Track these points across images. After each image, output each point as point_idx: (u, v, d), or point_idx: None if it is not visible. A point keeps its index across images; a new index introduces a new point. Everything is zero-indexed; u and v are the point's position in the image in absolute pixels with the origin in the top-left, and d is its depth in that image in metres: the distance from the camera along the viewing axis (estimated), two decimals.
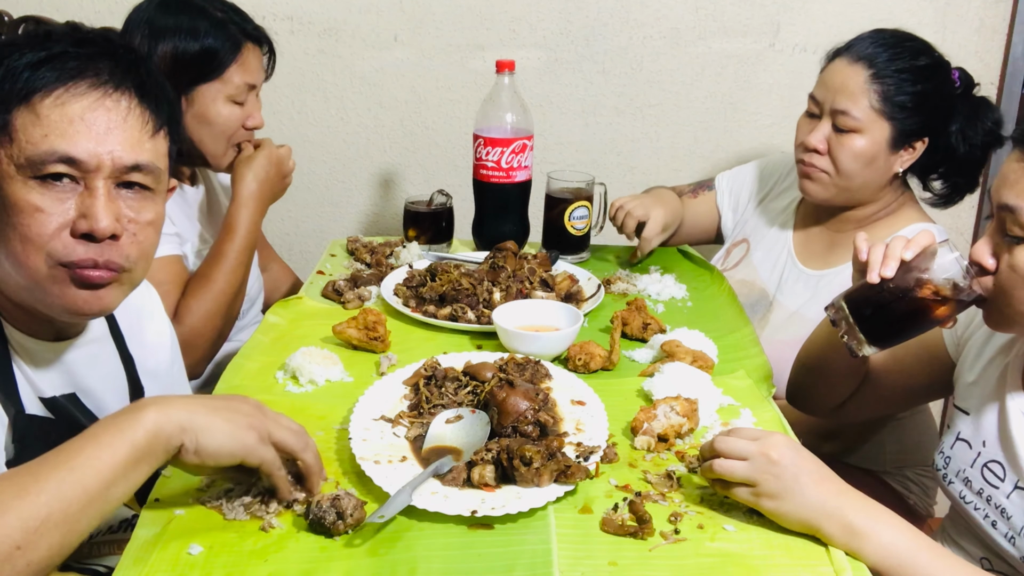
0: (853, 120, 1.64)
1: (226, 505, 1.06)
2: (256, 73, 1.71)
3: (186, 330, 1.57)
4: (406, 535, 1.03)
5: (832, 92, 1.67)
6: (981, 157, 1.71)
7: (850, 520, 1.02)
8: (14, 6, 2.35)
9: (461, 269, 1.69)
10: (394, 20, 2.41)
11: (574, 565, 0.99)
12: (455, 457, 1.14)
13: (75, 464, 0.89)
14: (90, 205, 1.02)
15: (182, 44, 1.61)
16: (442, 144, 2.51)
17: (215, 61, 1.63)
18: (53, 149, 1.00)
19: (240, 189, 1.71)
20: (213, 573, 0.97)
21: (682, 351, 1.42)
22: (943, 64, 1.68)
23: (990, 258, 1.18)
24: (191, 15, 1.63)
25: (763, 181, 1.98)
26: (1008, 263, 1.15)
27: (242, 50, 1.67)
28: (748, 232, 1.96)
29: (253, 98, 1.73)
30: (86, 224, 1.01)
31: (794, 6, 2.36)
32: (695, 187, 2.06)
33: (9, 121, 1.00)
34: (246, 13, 1.72)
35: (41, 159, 1.00)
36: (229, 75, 1.66)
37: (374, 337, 1.47)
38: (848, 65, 1.65)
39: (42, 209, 1.00)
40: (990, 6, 2.34)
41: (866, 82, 1.63)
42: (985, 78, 2.42)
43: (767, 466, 1.05)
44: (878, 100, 1.63)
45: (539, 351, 1.44)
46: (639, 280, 1.80)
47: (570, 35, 2.41)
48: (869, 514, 1.04)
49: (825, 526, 1.03)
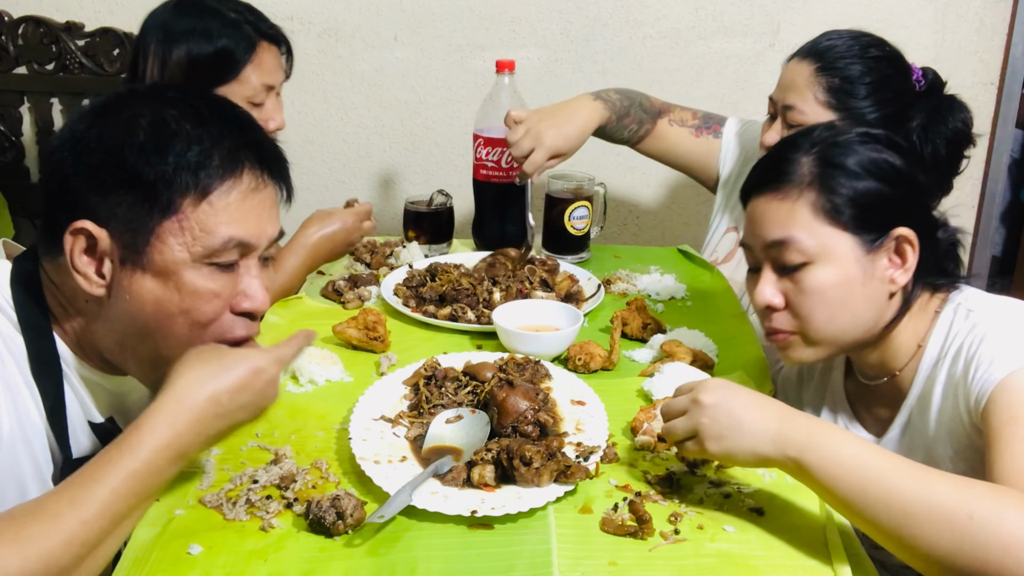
0: (800, 114, 1.64)
1: (226, 505, 1.06)
2: (273, 73, 1.69)
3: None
4: (406, 535, 1.03)
5: (782, 90, 1.69)
6: (951, 157, 1.67)
7: (793, 440, 1.01)
8: (14, 6, 2.36)
9: (461, 269, 1.69)
10: (394, 20, 2.41)
11: (574, 565, 0.99)
12: (455, 457, 1.14)
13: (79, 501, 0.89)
14: (249, 284, 1.07)
15: (196, 47, 1.60)
16: (442, 144, 2.52)
17: (229, 62, 1.62)
18: (230, 237, 1.04)
19: (299, 236, 1.69)
20: (213, 573, 0.97)
21: (682, 351, 1.42)
22: (895, 58, 1.66)
23: (776, 296, 1.22)
24: (204, 17, 1.62)
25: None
26: (796, 290, 1.20)
27: (257, 50, 1.65)
28: (737, 218, 1.91)
29: (273, 99, 1.71)
30: (249, 304, 1.07)
31: (794, 6, 2.36)
32: (699, 125, 1.95)
33: (180, 208, 1.02)
34: (262, 13, 1.70)
35: (221, 247, 1.03)
36: (245, 76, 1.64)
37: (374, 337, 1.47)
38: (797, 63, 1.67)
39: (219, 294, 1.05)
40: (990, 6, 2.34)
41: (812, 75, 1.64)
42: (985, 78, 2.43)
43: (701, 412, 1.05)
44: (823, 92, 1.62)
45: (539, 351, 1.44)
46: (639, 280, 1.80)
47: (570, 35, 2.41)
48: (812, 430, 1.02)
49: (771, 453, 1.02)
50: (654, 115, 1.93)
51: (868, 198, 1.18)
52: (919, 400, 1.24)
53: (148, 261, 1.02)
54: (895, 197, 1.19)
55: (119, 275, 1.03)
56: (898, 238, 1.19)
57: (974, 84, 2.43)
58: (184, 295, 1.03)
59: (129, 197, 1.01)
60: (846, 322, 1.21)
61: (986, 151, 2.52)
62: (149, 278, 1.02)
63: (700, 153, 1.95)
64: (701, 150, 1.94)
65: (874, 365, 1.29)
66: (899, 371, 1.27)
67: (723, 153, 1.94)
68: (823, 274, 1.19)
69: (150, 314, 1.03)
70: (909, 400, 1.25)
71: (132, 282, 1.02)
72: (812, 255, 1.19)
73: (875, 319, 1.22)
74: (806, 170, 1.20)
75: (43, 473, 1.06)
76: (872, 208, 1.19)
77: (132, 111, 1.03)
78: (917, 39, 2.36)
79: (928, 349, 1.23)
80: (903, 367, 1.26)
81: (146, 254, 1.02)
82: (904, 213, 1.20)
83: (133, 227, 1.01)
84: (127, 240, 1.02)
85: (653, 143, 1.95)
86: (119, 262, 1.02)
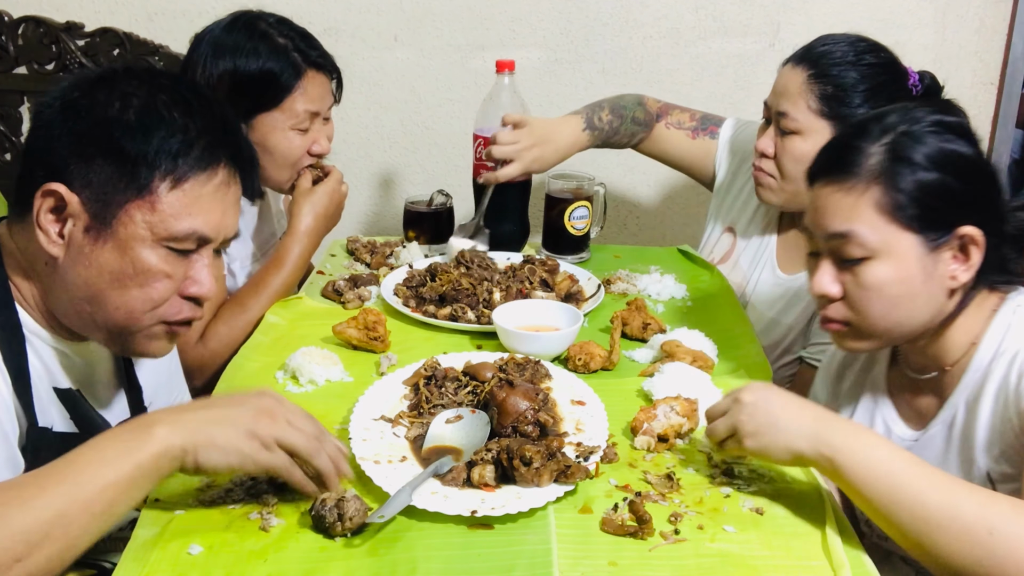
0: (793, 122, 1.63)
1: (226, 505, 1.06)
2: (320, 101, 1.67)
3: (207, 353, 1.55)
4: (406, 535, 1.03)
5: (776, 96, 1.68)
6: None
7: (828, 439, 1.04)
8: (14, 6, 2.36)
9: (461, 269, 1.69)
10: (394, 20, 2.41)
11: (574, 565, 0.99)
12: (455, 457, 1.14)
13: (80, 480, 0.90)
14: (199, 272, 1.12)
15: (241, 64, 1.58)
16: (442, 144, 2.52)
17: (274, 87, 1.60)
18: (194, 229, 1.09)
19: (296, 224, 1.68)
20: (213, 573, 0.97)
21: (682, 351, 1.42)
22: (891, 63, 1.64)
23: (833, 286, 1.22)
24: (254, 37, 1.60)
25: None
26: (855, 283, 1.20)
27: (303, 77, 1.63)
28: (733, 219, 1.92)
29: (319, 123, 1.69)
30: (196, 289, 1.12)
31: (794, 6, 2.36)
32: (697, 127, 1.95)
33: (154, 190, 1.07)
34: (315, 40, 1.68)
35: (183, 235, 1.09)
36: (290, 103, 1.62)
37: (374, 337, 1.47)
38: (791, 69, 1.66)
39: (170, 276, 1.10)
40: (990, 6, 2.34)
41: (805, 83, 1.62)
42: (985, 78, 2.43)
43: (740, 409, 1.10)
44: (816, 100, 1.61)
45: (539, 351, 1.44)
46: (639, 280, 1.80)
47: (570, 35, 2.41)
48: (847, 432, 1.05)
49: (805, 450, 1.05)
50: (649, 124, 1.95)
51: (934, 195, 1.16)
52: (967, 398, 1.22)
53: (111, 233, 1.06)
54: (963, 192, 1.17)
55: (81, 241, 1.06)
56: (963, 236, 1.16)
57: (974, 84, 2.43)
58: (138, 271, 1.08)
59: (108, 169, 1.05)
60: (901, 318, 1.20)
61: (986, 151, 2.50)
62: (109, 248, 1.07)
63: (697, 155, 1.96)
64: (697, 152, 1.95)
65: (924, 358, 1.27)
66: (949, 366, 1.24)
67: (719, 154, 1.95)
68: (883, 271, 1.17)
69: (107, 283, 1.07)
70: (956, 397, 1.23)
71: (93, 249, 1.06)
72: (873, 250, 1.17)
73: (932, 316, 1.21)
74: (874, 162, 1.17)
75: (9, 439, 1.05)
76: (938, 206, 1.16)
77: (125, 88, 1.08)
78: (917, 39, 2.36)
79: (982, 348, 1.21)
80: (954, 363, 1.24)
81: (111, 226, 1.06)
82: (971, 208, 1.17)
83: (105, 198, 1.06)
84: (96, 210, 1.06)
85: (650, 146, 1.97)
86: (84, 229, 1.06)
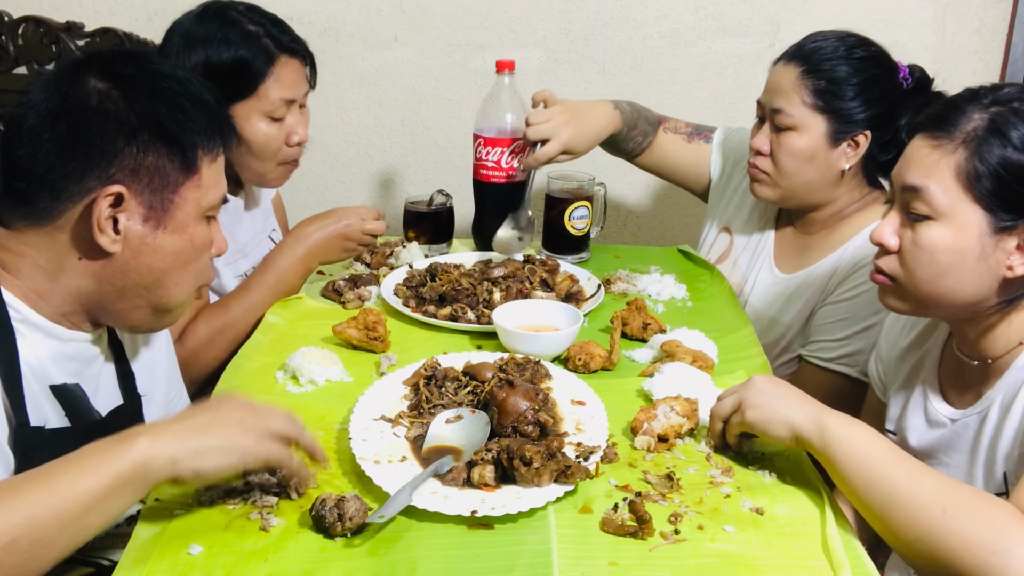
0: (788, 117, 1.65)
1: (226, 505, 1.06)
2: (294, 87, 1.65)
3: (185, 353, 1.54)
4: (406, 535, 1.03)
5: (769, 93, 1.69)
6: None
7: (824, 420, 1.09)
8: (14, 6, 2.36)
9: (461, 269, 1.69)
10: (394, 20, 2.41)
11: (574, 565, 0.99)
12: (455, 457, 1.14)
13: (55, 487, 0.89)
14: (217, 234, 1.22)
15: (214, 54, 1.58)
16: (442, 144, 2.52)
17: (247, 74, 1.60)
18: (221, 195, 1.20)
19: (295, 239, 1.66)
20: (213, 573, 0.97)
21: (682, 351, 1.42)
22: (881, 57, 1.66)
23: (892, 238, 1.23)
24: (224, 26, 1.60)
25: None
26: (912, 240, 1.20)
27: (276, 63, 1.62)
28: (729, 219, 1.94)
29: (295, 112, 1.68)
30: (216, 250, 1.23)
31: (794, 6, 2.36)
32: (692, 132, 1.99)
33: (199, 168, 1.15)
34: (287, 25, 1.67)
35: (218, 203, 1.19)
36: (264, 91, 1.61)
37: (374, 337, 1.47)
38: (783, 66, 1.68)
39: (211, 243, 1.21)
40: (990, 6, 2.34)
41: (798, 79, 1.64)
42: (985, 78, 2.42)
43: (747, 386, 1.17)
44: (809, 95, 1.63)
45: (539, 351, 1.44)
46: (639, 280, 1.80)
47: (570, 35, 2.41)
48: (843, 419, 1.10)
49: (802, 422, 1.10)
50: (655, 125, 1.97)
51: (1016, 177, 1.12)
52: (1004, 397, 1.20)
53: (169, 217, 1.13)
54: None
55: (141, 231, 1.11)
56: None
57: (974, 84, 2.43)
58: (195, 246, 1.17)
59: (161, 158, 1.11)
60: (945, 289, 1.19)
61: None
62: (170, 232, 1.13)
63: (692, 159, 1.99)
64: (693, 156, 1.98)
65: (971, 345, 1.26)
66: (993, 360, 1.23)
67: (713, 157, 1.98)
68: (940, 235, 1.17)
69: (169, 264, 1.14)
70: (993, 392, 1.22)
71: (155, 237, 1.12)
72: (938, 212, 1.16)
73: (978, 297, 1.19)
74: (971, 127, 1.15)
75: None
76: (1015, 189, 1.13)
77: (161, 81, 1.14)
78: (917, 39, 2.36)
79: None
80: (999, 357, 1.22)
81: (168, 211, 1.13)
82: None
83: (159, 185, 1.11)
84: (152, 199, 1.11)
85: (652, 153, 1.98)
86: (142, 220, 1.11)
